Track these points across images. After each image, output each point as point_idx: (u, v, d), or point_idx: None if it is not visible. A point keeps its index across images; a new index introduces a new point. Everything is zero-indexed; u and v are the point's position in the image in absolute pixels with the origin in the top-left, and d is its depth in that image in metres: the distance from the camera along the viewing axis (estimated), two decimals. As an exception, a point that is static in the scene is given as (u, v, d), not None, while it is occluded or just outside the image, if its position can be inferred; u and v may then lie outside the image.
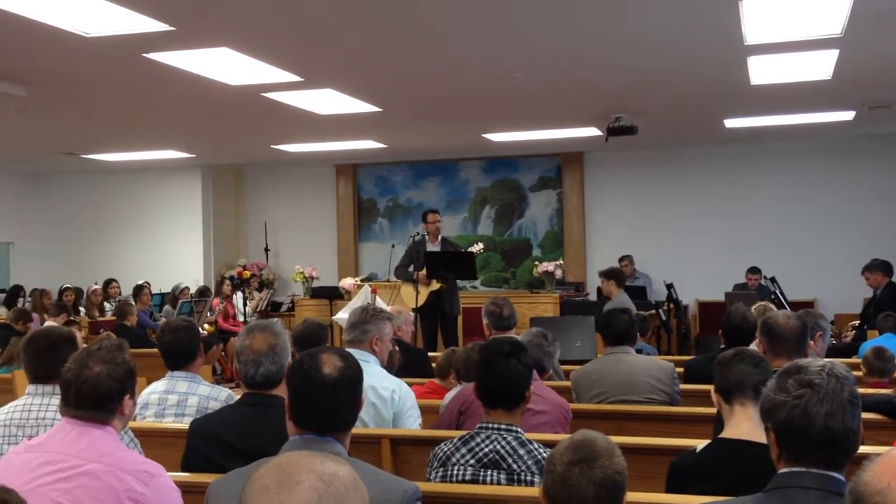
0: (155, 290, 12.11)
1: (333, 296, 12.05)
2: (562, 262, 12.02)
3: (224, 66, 6.87)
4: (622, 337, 4.79)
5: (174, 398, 4.01)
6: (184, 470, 3.22)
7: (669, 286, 10.37)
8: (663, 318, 9.81)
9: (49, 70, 7.03)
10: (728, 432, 2.93)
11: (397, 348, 4.90)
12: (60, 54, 6.48)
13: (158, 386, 4.11)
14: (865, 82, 8.11)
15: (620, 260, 12.10)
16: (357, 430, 3.76)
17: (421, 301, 8.79)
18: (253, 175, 14.79)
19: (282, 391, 2.71)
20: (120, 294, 12.42)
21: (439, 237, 9.12)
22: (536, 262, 12.03)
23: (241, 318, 11.69)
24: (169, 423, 3.98)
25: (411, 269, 8.96)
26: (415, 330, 7.48)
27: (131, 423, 3.76)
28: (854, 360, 5.76)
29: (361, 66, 7.15)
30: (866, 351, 5.13)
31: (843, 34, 6.26)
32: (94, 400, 2.63)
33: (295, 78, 7.33)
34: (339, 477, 1.45)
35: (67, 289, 11.83)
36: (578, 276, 12.96)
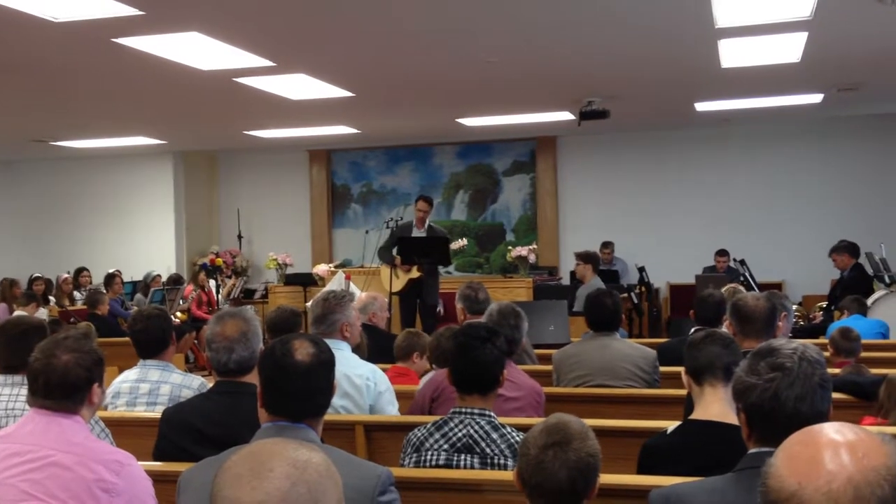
0: (126, 278, 12.01)
1: (307, 282, 12.02)
2: (535, 246, 12.06)
3: (195, 50, 6.80)
4: (608, 322, 4.80)
5: (146, 387, 3.98)
6: (156, 459, 3.20)
7: (641, 269, 10.44)
8: (635, 301, 9.87)
9: (16, 55, 6.93)
10: (698, 413, 2.96)
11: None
12: (28, 39, 6.38)
13: (130, 375, 4.08)
14: (834, 65, 8.18)
15: (603, 247, 12.16)
16: (331, 416, 3.76)
17: (399, 286, 8.78)
18: (225, 161, 14.69)
19: (254, 378, 2.70)
20: (91, 283, 12.29)
21: (426, 224, 9.10)
22: (510, 247, 12.06)
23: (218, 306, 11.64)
24: (141, 412, 3.95)
25: (394, 251, 8.95)
26: (389, 315, 7.47)
27: (103, 413, 3.74)
28: (821, 340, 5.83)
29: (334, 51, 7.10)
30: (833, 332, 5.19)
31: (811, 17, 6.31)
32: (63, 389, 2.61)
33: (267, 63, 7.27)
34: (313, 464, 1.45)
35: (38, 278, 11.69)
36: (552, 260, 13.01)
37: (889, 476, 1.21)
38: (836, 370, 4.58)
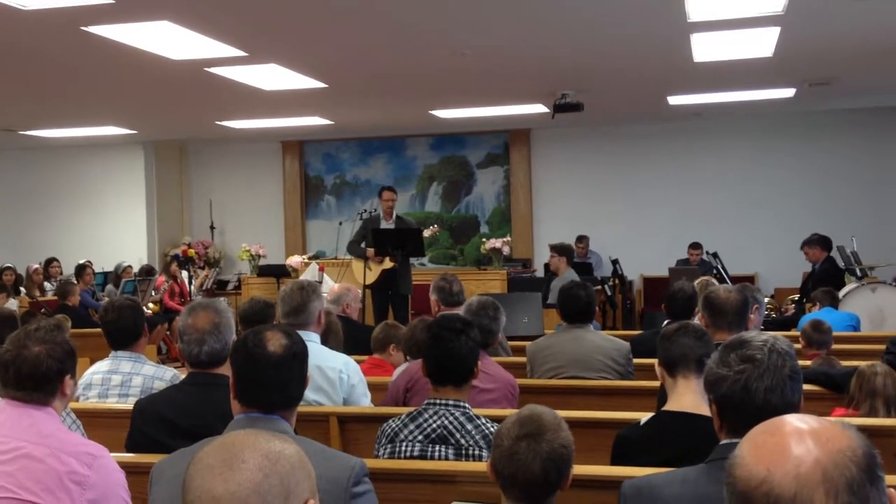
0: (98, 269, 11.90)
1: (280, 274, 11.94)
2: (509, 238, 12.07)
3: (165, 39, 6.73)
4: (582, 314, 4.81)
5: (118, 378, 3.95)
6: (128, 450, 3.19)
7: (615, 262, 10.49)
8: (609, 293, 9.92)
9: (-17, 43, 6.84)
10: (671, 405, 2.97)
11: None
12: (-5, 27, 6.30)
13: (102, 366, 4.05)
14: (806, 60, 8.25)
15: (578, 240, 12.21)
16: (305, 408, 3.76)
17: (373, 279, 8.76)
18: (197, 151, 14.58)
19: (227, 370, 2.68)
20: (61, 273, 12.17)
21: (394, 215, 9.08)
22: (484, 239, 12.07)
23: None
24: (113, 403, 3.92)
25: (363, 245, 8.92)
26: (363, 307, 7.45)
27: (74, 405, 3.71)
28: (793, 332, 5.89)
29: (307, 41, 7.06)
30: (805, 324, 5.25)
31: (784, 12, 6.35)
32: (34, 381, 2.58)
33: (239, 53, 7.22)
34: (285, 455, 1.45)
35: (7, 268, 11.54)
36: (526, 252, 13.04)
37: (855, 458, 1.23)
38: (808, 362, 4.63)
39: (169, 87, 8.88)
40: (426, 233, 9.73)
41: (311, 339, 3.82)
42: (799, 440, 1.26)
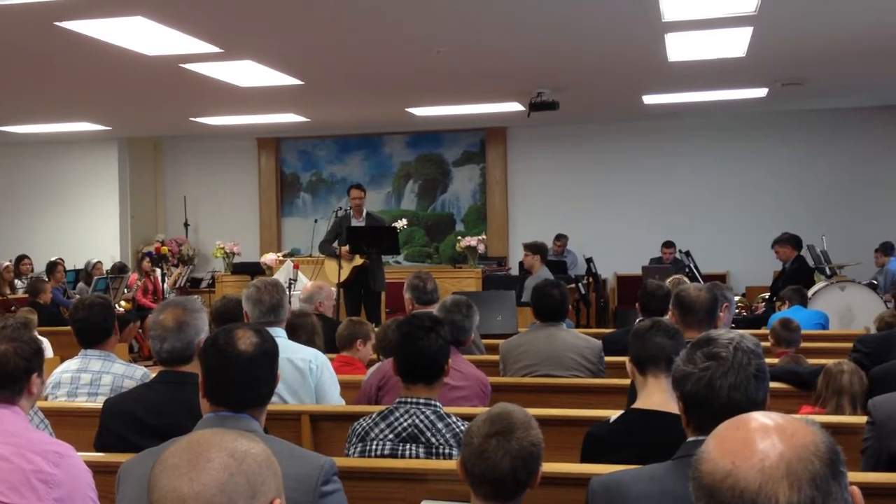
0: (70, 266, 11.80)
1: (255, 271, 11.87)
2: (484, 236, 12.09)
3: (140, 35, 6.69)
4: (555, 313, 4.83)
5: (87, 377, 3.92)
6: (97, 449, 3.16)
7: (589, 260, 10.54)
8: (582, 291, 9.96)
9: (-47, 38, 6.76)
10: (641, 402, 2.99)
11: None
12: (-34, 22, 6.23)
13: (71, 364, 4.01)
14: (778, 60, 8.32)
15: (556, 239, 12.26)
16: (277, 406, 3.75)
17: (344, 276, 8.75)
18: (172, 148, 14.48)
19: (196, 368, 2.68)
20: (33, 271, 12.04)
21: (363, 212, 9.08)
22: (459, 237, 12.08)
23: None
24: (82, 402, 3.89)
25: (335, 244, 8.90)
26: (336, 305, 7.44)
27: (43, 403, 3.68)
28: (763, 331, 5.94)
29: (283, 38, 7.04)
30: (774, 322, 5.30)
31: (756, 12, 6.41)
32: (1, 379, 2.56)
33: (214, 49, 7.18)
34: (252, 454, 1.45)
35: (-23, 265, 11.43)
36: (501, 250, 13.07)
37: (818, 452, 1.25)
38: (776, 360, 4.67)
39: (143, 84, 8.82)
40: (396, 224, 9.74)
41: (280, 335, 3.85)
42: (764, 435, 1.28)
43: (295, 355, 3.98)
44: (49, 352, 2.97)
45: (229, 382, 2.31)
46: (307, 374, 3.96)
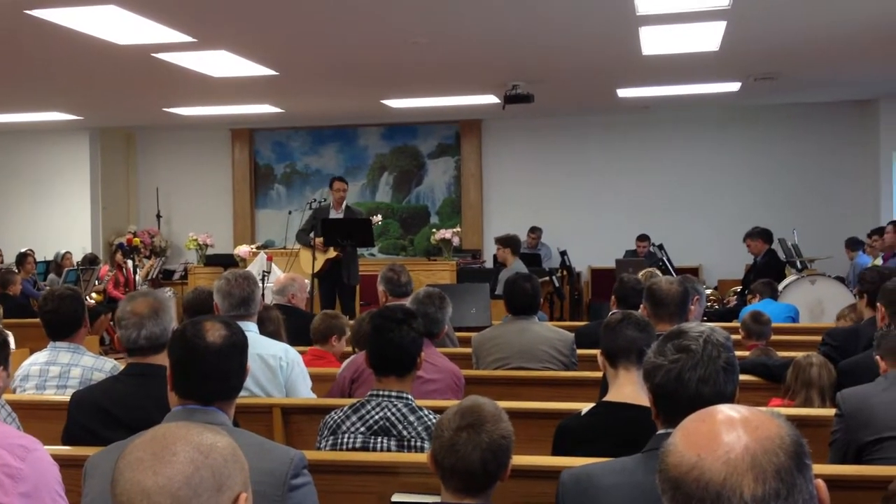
0: (40, 258, 11.67)
1: (228, 263, 11.81)
2: (459, 229, 12.11)
3: (112, 24, 6.61)
4: (527, 306, 4.84)
5: (56, 370, 3.88)
6: (65, 443, 3.13)
7: (563, 253, 10.57)
8: (556, 284, 9.99)
9: (-81, 25, 6.65)
10: (612, 395, 3.01)
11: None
12: (-68, 9, 6.13)
13: (40, 357, 3.97)
14: (751, 54, 8.37)
15: (531, 231, 12.28)
16: (248, 399, 3.73)
17: (318, 267, 8.72)
18: (144, 139, 14.35)
19: (165, 359, 2.65)
20: (2, 262, 11.92)
21: (344, 205, 9.05)
22: (434, 230, 12.07)
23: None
24: (51, 395, 3.85)
25: (311, 234, 8.88)
26: (310, 297, 7.42)
27: (11, 397, 3.64)
28: (734, 324, 5.99)
29: (257, 28, 6.98)
30: (745, 315, 5.35)
31: (730, 6, 6.44)
32: (-35, 372, 2.53)
33: (187, 38, 7.11)
34: (218, 448, 1.43)
35: (-55, 257, 11.30)
36: (475, 243, 13.08)
37: (783, 445, 1.27)
38: (746, 353, 4.71)
39: (115, 73, 8.73)
40: (372, 219, 9.73)
41: (250, 329, 3.81)
42: (729, 428, 1.29)
43: (265, 351, 3.95)
44: (13, 344, 2.92)
45: (197, 375, 2.29)
46: (277, 371, 3.93)
